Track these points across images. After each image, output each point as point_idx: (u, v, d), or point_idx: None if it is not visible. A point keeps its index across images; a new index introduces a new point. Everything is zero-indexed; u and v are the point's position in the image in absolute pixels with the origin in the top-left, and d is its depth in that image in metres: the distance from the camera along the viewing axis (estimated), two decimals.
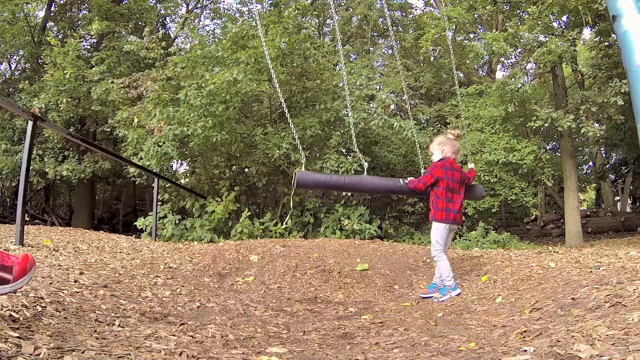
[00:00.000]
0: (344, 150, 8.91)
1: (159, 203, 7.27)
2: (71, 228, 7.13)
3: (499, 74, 13.98)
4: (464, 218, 8.85)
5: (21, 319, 1.41)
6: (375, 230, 7.46)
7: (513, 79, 8.76)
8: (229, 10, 17.34)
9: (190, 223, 7.21)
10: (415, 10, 17.79)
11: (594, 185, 19.28)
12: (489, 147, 8.94)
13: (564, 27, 9.33)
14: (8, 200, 13.88)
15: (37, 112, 5.55)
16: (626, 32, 1.43)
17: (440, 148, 3.09)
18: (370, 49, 15.16)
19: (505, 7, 10.54)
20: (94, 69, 9.86)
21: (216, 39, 10.06)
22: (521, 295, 2.45)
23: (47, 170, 10.28)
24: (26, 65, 13.27)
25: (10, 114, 10.97)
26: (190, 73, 7.43)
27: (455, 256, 4.10)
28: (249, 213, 7.02)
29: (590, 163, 17.74)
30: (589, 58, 10.82)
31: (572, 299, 2.06)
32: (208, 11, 17.69)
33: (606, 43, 9.10)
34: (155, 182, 6.00)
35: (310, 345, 1.78)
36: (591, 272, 2.57)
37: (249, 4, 15.77)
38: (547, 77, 10.76)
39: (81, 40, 11.61)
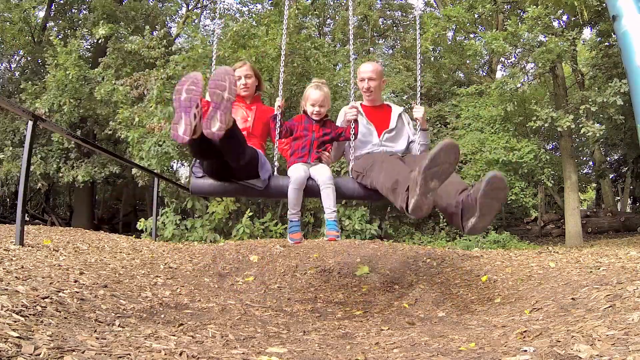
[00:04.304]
0: None
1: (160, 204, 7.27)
2: (71, 228, 7.13)
3: (499, 74, 13.97)
4: None
5: (21, 319, 1.41)
6: (375, 231, 7.46)
7: (512, 79, 8.76)
8: (229, 10, 17.36)
9: (190, 223, 7.21)
10: (416, 10, 17.76)
11: (594, 185, 19.28)
12: (488, 147, 8.95)
13: (563, 26, 9.33)
14: (8, 200, 13.88)
15: (42, 115, 5.54)
16: (626, 32, 1.43)
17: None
18: (371, 49, 15.16)
19: (505, 6, 10.55)
20: (96, 69, 9.85)
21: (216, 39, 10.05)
22: (521, 295, 2.45)
23: (61, 175, 10.32)
24: (27, 66, 13.28)
25: (11, 118, 10.98)
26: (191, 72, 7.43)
27: (455, 256, 4.10)
28: (251, 213, 7.02)
29: (591, 163, 17.75)
30: (589, 58, 10.81)
31: (572, 299, 2.06)
32: (208, 11, 17.70)
33: (606, 43, 9.09)
34: (155, 182, 6.01)
35: (310, 345, 1.78)
36: (591, 272, 2.57)
37: (249, 4, 15.78)
38: (547, 77, 10.76)
39: (82, 41, 11.61)
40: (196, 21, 16.08)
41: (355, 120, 2.66)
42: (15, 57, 13.97)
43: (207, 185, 2.53)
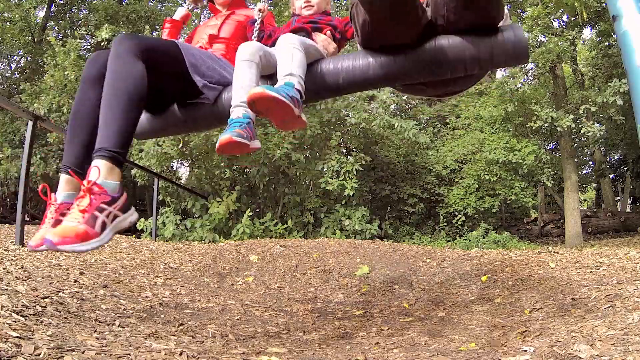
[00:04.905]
0: (344, 150, 8.91)
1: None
2: None
3: (499, 74, 13.97)
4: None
5: (21, 319, 1.41)
6: (375, 230, 7.47)
7: (512, 79, 8.76)
8: None
9: (190, 223, 7.21)
10: None
11: (594, 185, 19.30)
12: (488, 147, 8.96)
13: (563, 26, 9.34)
14: (8, 200, 13.87)
15: (41, 115, 5.51)
16: (626, 32, 1.42)
17: None
18: None
19: (506, 6, 10.55)
20: None
21: None
22: (521, 295, 2.45)
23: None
24: (27, 66, 13.28)
25: (10, 118, 10.98)
26: None
27: (455, 256, 4.10)
28: (251, 213, 7.03)
29: (591, 163, 17.76)
30: (589, 58, 10.82)
31: (572, 299, 2.06)
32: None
33: (606, 43, 9.10)
34: (155, 183, 6.01)
35: (310, 345, 1.78)
36: (591, 272, 2.57)
37: (249, 4, 15.75)
38: (547, 77, 10.77)
39: (81, 40, 11.61)
40: (195, 22, 16.07)
41: None
42: (15, 57, 13.96)
43: (146, 120, 1.81)
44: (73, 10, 13.51)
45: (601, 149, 15.56)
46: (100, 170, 1.26)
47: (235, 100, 1.55)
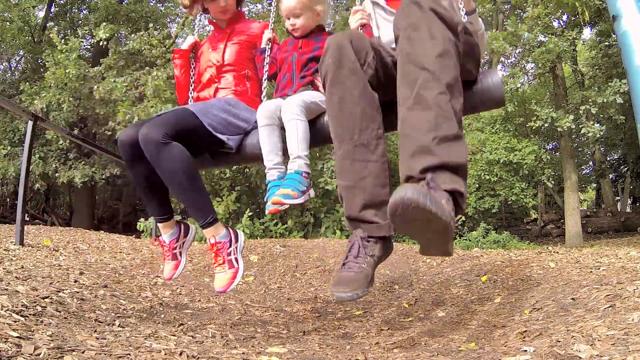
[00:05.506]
0: None
1: None
2: (71, 228, 7.13)
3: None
4: None
5: (21, 319, 1.40)
6: None
7: (512, 79, 8.77)
8: None
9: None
10: None
11: (594, 185, 19.31)
12: (489, 147, 8.96)
13: (563, 26, 9.35)
14: (8, 200, 13.88)
15: (38, 113, 5.52)
16: (626, 32, 1.42)
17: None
18: None
19: (505, 6, 10.55)
20: (96, 68, 9.85)
21: None
22: (521, 295, 2.45)
23: (58, 175, 10.29)
24: (26, 66, 13.28)
25: (10, 117, 10.98)
26: None
27: (455, 256, 4.10)
28: (251, 213, 7.02)
29: (591, 163, 17.77)
30: (589, 58, 10.83)
31: (572, 299, 2.06)
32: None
33: (606, 43, 9.11)
34: None
35: (310, 345, 1.78)
36: (591, 272, 2.57)
37: (249, 4, 15.75)
38: (547, 77, 10.78)
39: (82, 40, 11.62)
40: (196, 22, 16.05)
41: (363, 25, 1.76)
42: (15, 57, 13.97)
43: None
44: (73, 10, 13.51)
45: (601, 149, 15.56)
46: (213, 234, 1.87)
47: (267, 162, 1.75)
